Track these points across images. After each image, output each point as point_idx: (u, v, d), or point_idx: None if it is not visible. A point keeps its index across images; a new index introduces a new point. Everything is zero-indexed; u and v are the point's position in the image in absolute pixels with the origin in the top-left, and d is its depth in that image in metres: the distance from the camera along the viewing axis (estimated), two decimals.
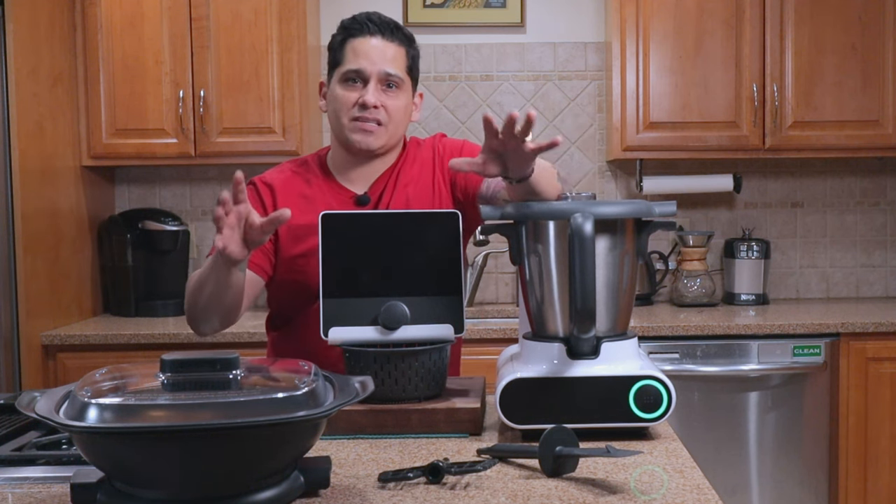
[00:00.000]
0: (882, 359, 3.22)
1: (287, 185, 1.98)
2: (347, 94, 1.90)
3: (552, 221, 1.54)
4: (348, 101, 1.90)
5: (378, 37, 1.89)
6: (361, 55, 1.89)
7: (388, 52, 1.90)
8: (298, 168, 2.02)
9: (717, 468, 3.20)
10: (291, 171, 2.02)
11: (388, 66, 1.89)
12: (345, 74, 1.90)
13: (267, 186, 1.98)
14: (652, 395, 1.50)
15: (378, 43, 1.89)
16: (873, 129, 3.51)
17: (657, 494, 1.26)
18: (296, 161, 2.05)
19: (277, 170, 2.04)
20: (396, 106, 1.92)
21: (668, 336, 3.21)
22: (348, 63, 1.90)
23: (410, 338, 1.64)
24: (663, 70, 3.50)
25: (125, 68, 3.45)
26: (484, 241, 3.42)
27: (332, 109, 1.95)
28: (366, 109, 1.88)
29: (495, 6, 3.80)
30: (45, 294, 3.21)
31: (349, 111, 1.90)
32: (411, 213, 1.81)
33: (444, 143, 2.04)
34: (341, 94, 1.91)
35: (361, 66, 1.88)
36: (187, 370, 1.21)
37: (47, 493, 1.29)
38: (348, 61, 1.90)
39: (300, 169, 2.02)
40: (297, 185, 1.98)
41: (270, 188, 1.97)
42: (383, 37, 1.90)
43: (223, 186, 3.85)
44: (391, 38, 1.91)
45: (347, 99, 1.90)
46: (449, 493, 1.26)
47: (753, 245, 3.71)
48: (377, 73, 1.89)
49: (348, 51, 1.91)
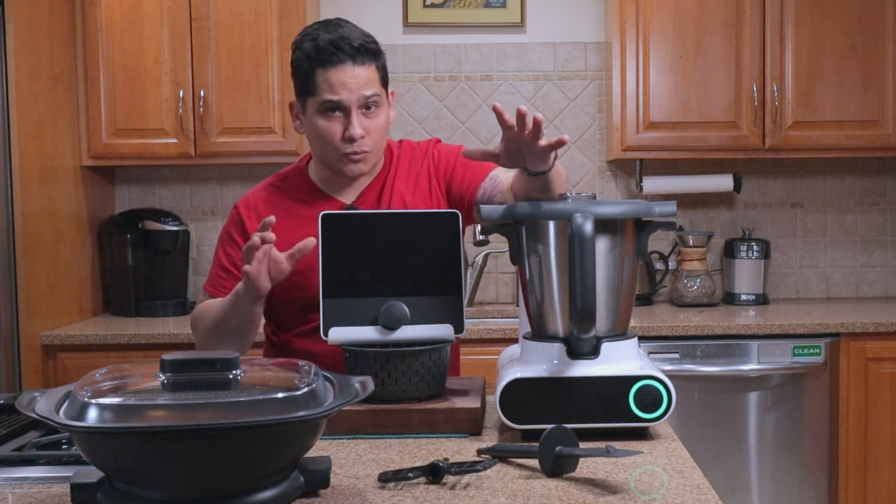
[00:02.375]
0: (882, 359, 3.22)
1: (271, 203, 1.97)
2: (330, 125, 1.87)
3: (552, 221, 1.54)
4: (334, 135, 1.87)
5: (349, 63, 1.84)
6: (337, 85, 1.84)
7: (362, 77, 1.86)
8: (280, 183, 2.01)
9: (717, 468, 3.20)
10: (274, 187, 2.01)
11: (366, 90, 1.86)
12: (322, 105, 1.87)
13: (251, 209, 1.98)
14: (652, 395, 1.50)
15: (351, 70, 1.84)
16: (873, 129, 3.51)
17: (657, 494, 1.26)
18: (276, 176, 2.04)
19: (259, 188, 2.03)
20: (379, 124, 1.90)
21: (668, 336, 3.21)
22: (324, 94, 1.86)
23: (410, 338, 1.64)
24: (663, 70, 3.50)
25: (125, 68, 3.45)
26: (484, 241, 3.42)
27: (314, 138, 1.92)
28: (353, 142, 1.87)
29: (495, 6, 3.80)
30: (45, 294, 3.21)
31: (337, 145, 1.88)
32: (411, 213, 1.81)
33: (439, 148, 2.02)
34: (324, 125, 1.88)
35: (340, 97, 1.85)
36: (187, 370, 1.20)
37: (47, 493, 1.29)
38: (323, 92, 1.86)
39: (282, 184, 2.01)
40: (282, 202, 1.97)
41: (256, 211, 1.97)
42: (355, 62, 1.85)
43: (223, 186, 3.85)
44: (363, 61, 1.86)
45: (332, 132, 1.87)
46: (449, 493, 1.26)
47: (753, 245, 3.71)
48: (357, 101, 1.86)
49: (321, 81, 1.85)
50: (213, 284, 1.98)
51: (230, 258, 1.96)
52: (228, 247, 1.98)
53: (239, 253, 1.93)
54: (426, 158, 2.00)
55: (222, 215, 3.80)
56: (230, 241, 1.98)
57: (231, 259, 1.96)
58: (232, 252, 1.97)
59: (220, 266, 1.98)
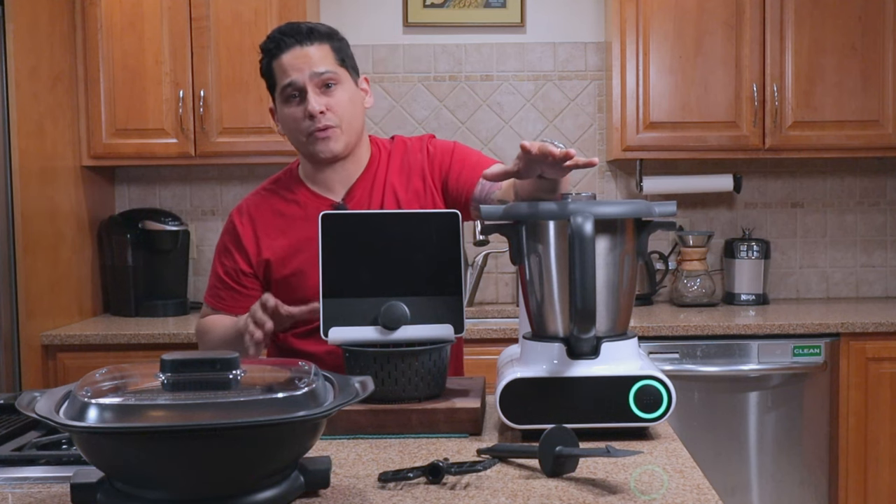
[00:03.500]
0: (882, 359, 3.22)
1: (263, 208, 2.00)
2: (293, 110, 1.92)
3: (552, 221, 1.54)
4: (297, 117, 1.92)
5: (295, 47, 1.91)
6: (288, 68, 1.90)
7: (311, 55, 1.91)
8: (272, 186, 2.04)
9: (717, 468, 3.20)
10: (267, 190, 2.04)
11: (316, 67, 1.90)
12: (282, 92, 1.92)
13: (244, 216, 2.01)
14: (652, 395, 1.50)
15: (298, 52, 1.90)
16: (873, 129, 3.51)
17: (657, 494, 1.26)
18: (269, 180, 2.07)
19: (253, 193, 2.06)
20: (341, 101, 1.92)
21: (668, 336, 3.21)
22: (280, 80, 1.92)
23: (410, 338, 1.64)
24: (663, 70, 3.50)
25: (125, 68, 3.45)
26: (484, 241, 3.42)
27: (286, 130, 1.97)
28: (314, 119, 1.90)
29: (495, 6, 3.80)
30: (45, 294, 3.21)
31: (301, 126, 1.92)
32: (411, 213, 1.81)
33: (434, 144, 2.02)
34: (288, 112, 1.93)
35: (292, 78, 1.90)
36: (187, 370, 1.20)
37: (47, 493, 1.29)
38: (280, 79, 1.92)
39: (274, 186, 2.04)
40: (275, 205, 2.00)
41: (249, 217, 2.00)
42: (301, 44, 1.91)
43: (223, 186, 3.85)
44: (309, 42, 1.91)
45: (294, 115, 1.92)
46: (449, 493, 1.26)
47: (753, 245, 3.71)
48: (309, 78, 1.89)
49: (276, 70, 1.93)
50: (213, 296, 2.03)
51: (225, 268, 2.01)
52: (224, 257, 2.02)
53: (232, 263, 1.99)
54: (420, 154, 2.00)
55: (222, 215, 3.80)
56: (225, 251, 2.02)
57: (226, 269, 2.00)
58: (226, 262, 2.01)
59: (218, 278, 2.02)
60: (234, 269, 1.98)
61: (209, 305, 2.04)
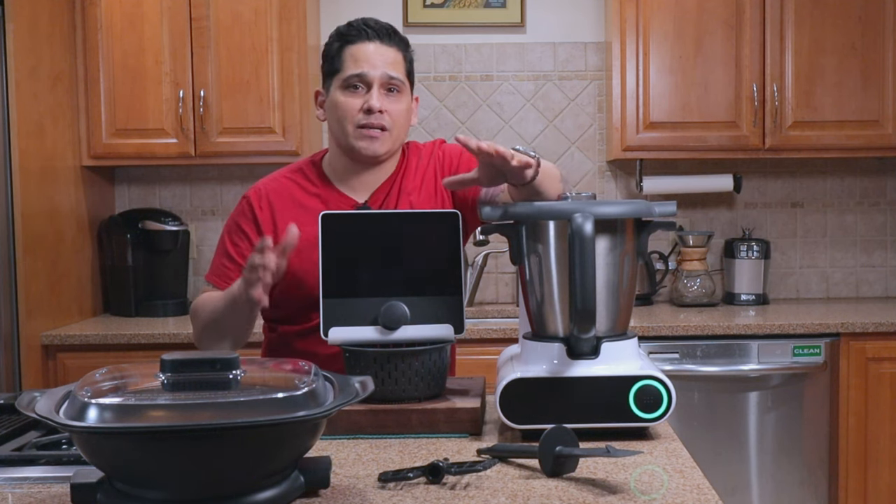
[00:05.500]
0: (882, 359, 3.22)
1: (284, 195, 1.95)
2: (350, 100, 1.89)
3: (552, 221, 1.54)
4: (352, 108, 1.88)
5: (377, 41, 1.89)
6: (362, 60, 1.88)
7: (388, 56, 1.89)
8: (294, 175, 1.99)
9: (717, 468, 3.20)
10: (287, 178, 1.99)
11: (390, 70, 1.89)
12: (346, 80, 1.89)
13: (262, 199, 1.95)
14: (652, 395, 1.50)
15: (377, 47, 1.89)
16: (873, 129, 3.51)
17: (657, 494, 1.26)
18: (290, 168, 2.02)
19: (272, 178, 2.00)
20: (399, 110, 1.91)
21: (668, 336, 3.21)
22: (349, 69, 1.88)
23: (410, 338, 1.64)
24: (663, 70, 3.50)
25: (125, 68, 3.45)
26: (484, 241, 3.42)
27: (333, 117, 1.92)
28: (371, 115, 1.87)
29: (495, 6, 3.80)
30: (45, 294, 3.21)
31: (354, 118, 1.88)
32: (411, 212, 1.81)
33: (444, 149, 2.03)
34: (344, 100, 1.89)
35: (363, 70, 1.87)
36: (187, 370, 1.20)
37: (47, 493, 1.29)
38: (348, 67, 1.89)
39: (296, 176, 1.99)
40: (295, 194, 1.95)
41: (268, 201, 1.95)
42: (381, 41, 1.89)
43: (223, 186, 3.85)
44: (389, 43, 1.90)
45: (351, 105, 1.88)
46: (449, 493, 1.26)
47: (753, 245, 3.71)
48: (380, 77, 1.88)
49: (347, 57, 1.89)
50: (218, 275, 1.95)
51: (238, 249, 1.94)
52: (236, 237, 1.95)
53: (246, 244, 1.93)
54: (431, 159, 2.00)
55: (222, 215, 3.80)
56: (238, 231, 1.95)
57: (239, 250, 1.94)
58: (240, 243, 1.94)
59: (227, 255, 1.95)
60: (250, 250, 1.89)
61: (212, 284, 1.95)
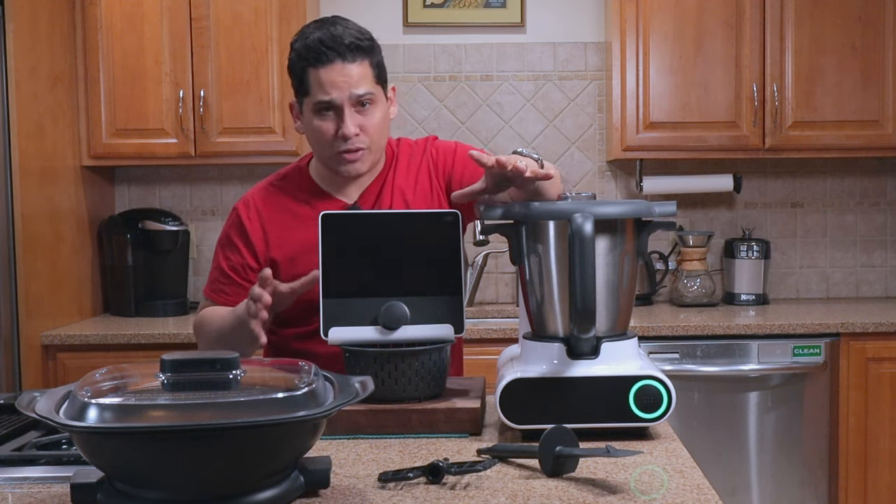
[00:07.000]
0: (882, 359, 3.22)
1: (270, 203, 1.96)
2: (324, 124, 1.87)
3: (552, 221, 1.54)
4: (327, 133, 1.86)
5: (338, 62, 1.83)
6: (328, 85, 1.83)
7: (353, 74, 1.84)
8: (280, 182, 1.99)
9: (717, 468, 3.20)
10: (274, 186, 1.99)
11: (357, 88, 1.84)
12: (316, 105, 1.86)
13: (251, 210, 1.95)
14: (652, 395, 1.50)
15: (341, 68, 1.83)
16: (873, 129, 3.51)
17: (657, 494, 1.26)
18: (276, 175, 2.02)
19: (258, 187, 2.01)
20: (374, 123, 1.88)
21: (668, 336, 3.21)
22: (316, 94, 1.85)
23: (410, 338, 1.63)
24: (663, 70, 3.50)
25: (125, 68, 3.45)
26: (484, 241, 3.42)
27: (311, 138, 1.91)
28: (347, 141, 1.85)
29: (495, 6, 3.80)
30: (45, 294, 3.21)
31: (330, 144, 1.87)
32: (411, 213, 1.81)
33: (437, 145, 2.02)
34: (318, 125, 1.87)
35: (331, 96, 1.84)
36: (187, 370, 1.20)
37: (47, 493, 1.29)
38: (315, 92, 1.85)
39: (282, 184, 1.99)
40: (284, 203, 1.95)
41: (257, 212, 1.95)
42: (344, 60, 1.83)
43: (223, 186, 3.85)
44: (353, 58, 1.84)
45: (325, 131, 1.86)
46: (449, 493, 1.26)
47: (753, 245, 3.71)
48: (348, 99, 1.84)
49: (312, 81, 1.85)
50: (214, 290, 1.98)
51: (230, 262, 1.96)
52: (228, 251, 1.97)
53: (238, 258, 1.94)
54: (424, 156, 1.99)
55: (222, 215, 3.80)
56: (230, 245, 1.97)
57: (231, 264, 1.95)
58: (232, 256, 1.95)
59: (220, 271, 1.97)
60: (242, 264, 1.93)
61: (210, 299, 1.98)
